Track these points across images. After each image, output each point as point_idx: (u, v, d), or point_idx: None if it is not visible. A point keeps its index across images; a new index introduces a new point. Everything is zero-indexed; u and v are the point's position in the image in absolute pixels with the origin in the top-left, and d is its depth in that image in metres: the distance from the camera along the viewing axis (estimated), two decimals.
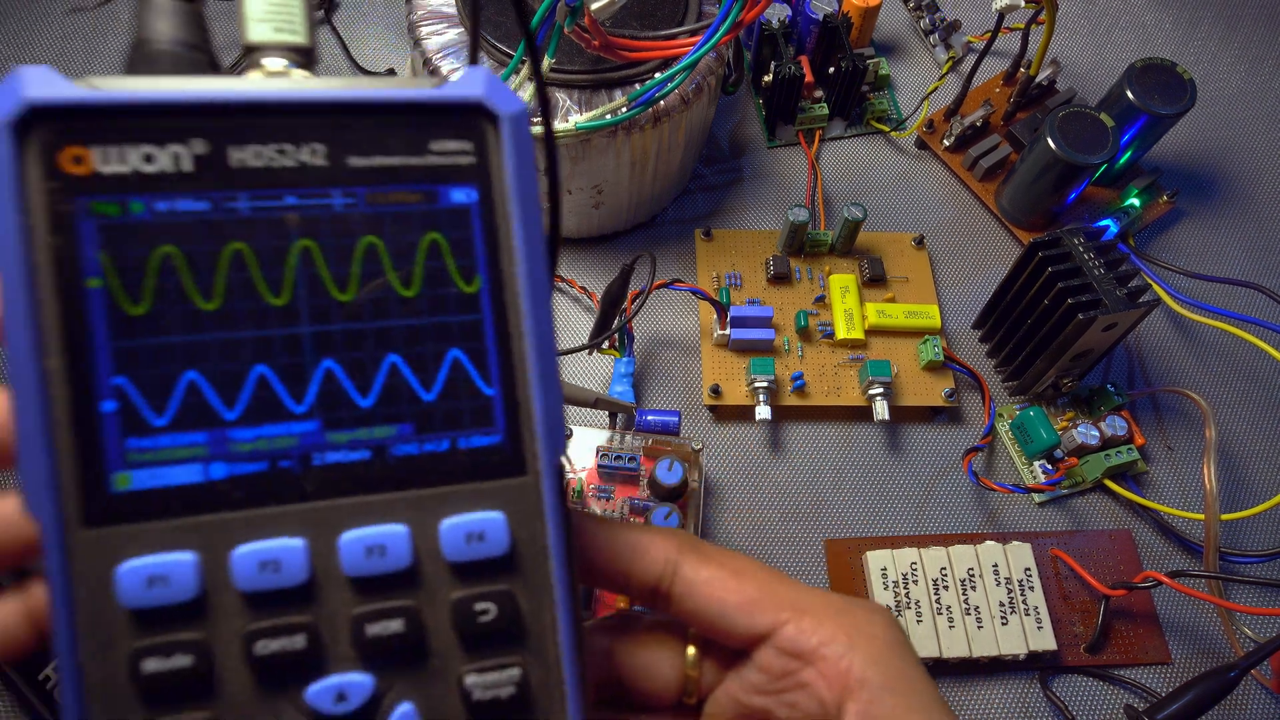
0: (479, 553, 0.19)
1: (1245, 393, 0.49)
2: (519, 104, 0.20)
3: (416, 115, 0.19)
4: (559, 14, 0.36)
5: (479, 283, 0.19)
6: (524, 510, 0.20)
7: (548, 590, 0.20)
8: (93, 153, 0.17)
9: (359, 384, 0.19)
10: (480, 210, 0.19)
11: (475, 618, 0.19)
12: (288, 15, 0.21)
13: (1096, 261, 0.41)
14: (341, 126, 0.19)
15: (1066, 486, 0.45)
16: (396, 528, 0.19)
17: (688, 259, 0.50)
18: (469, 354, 0.19)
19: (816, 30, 0.53)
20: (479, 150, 0.19)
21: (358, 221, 0.19)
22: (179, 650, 0.17)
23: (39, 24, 0.56)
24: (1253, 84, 0.60)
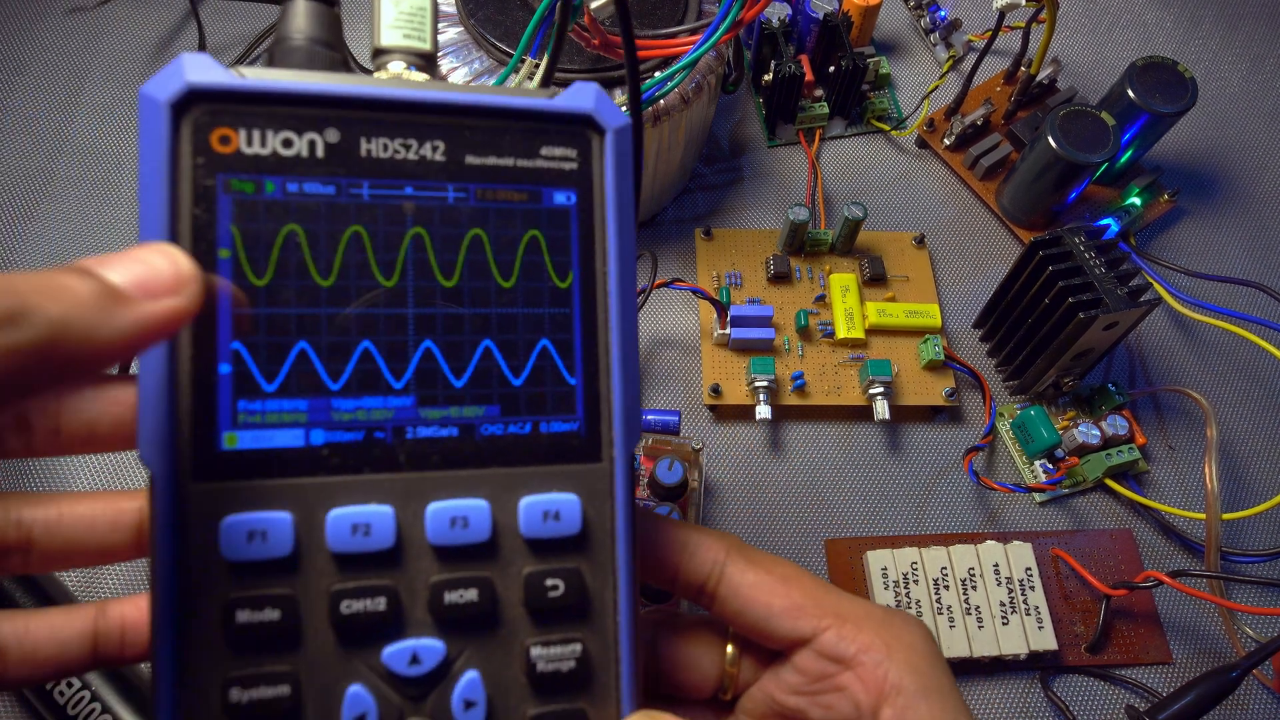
0: (553, 531, 0.20)
1: (1246, 392, 0.49)
2: (624, 119, 0.21)
3: (531, 122, 0.21)
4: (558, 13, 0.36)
5: (572, 279, 0.21)
6: (596, 494, 0.21)
7: (612, 571, 0.21)
8: (239, 134, 0.19)
9: (454, 365, 0.20)
10: (579, 213, 0.21)
11: (545, 592, 0.20)
12: (417, 23, 0.23)
13: (1097, 260, 0.41)
14: (462, 127, 0.20)
15: (1067, 486, 0.45)
16: (479, 502, 0.20)
17: (688, 258, 0.50)
18: (557, 345, 0.21)
19: (817, 29, 0.53)
20: (583, 158, 0.21)
21: (467, 214, 0.20)
22: (269, 604, 0.18)
23: (39, 24, 0.56)
24: (1254, 83, 0.60)
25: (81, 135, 0.51)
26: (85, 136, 0.51)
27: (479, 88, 0.21)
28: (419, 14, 0.23)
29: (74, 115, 0.52)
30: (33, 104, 0.53)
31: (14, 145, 0.51)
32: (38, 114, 0.52)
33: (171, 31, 0.56)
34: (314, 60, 0.22)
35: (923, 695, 0.22)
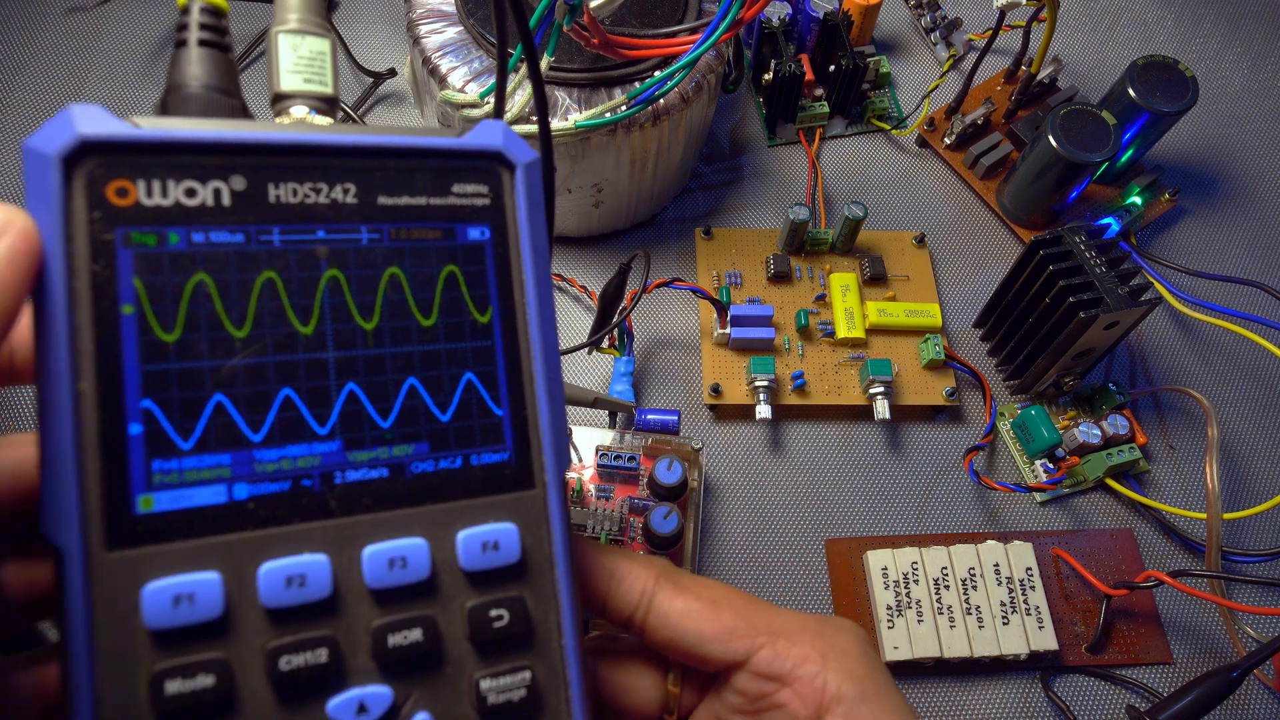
0: (493, 561, 0.20)
1: (1247, 391, 0.49)
2: (532, 154, 0.22)
3: (441, 160, 0.21)
4: (558, 12, 0.36)
5: (491, 312, 0.21)
6: (533, 521, 0.21)
7: (554, 595, 0.21)
8: (137, 186, 0.18)
9: (379, 406, 0.20)
10: (494, 247, 0.21)
11: (490, 623, 0.20)
12: (317, 67, 0.23)
13: (1098, 260, 0.41)
14: (373, 169, 0.20)
15: (1068, 486, 0.45)
16: (417, 540, 0.20)
17: (688, 258, 0.50)
18: (481, 378, 0.21)
19: (817, 28, 0.53)
20: (494, 193, 0.22)
21: (383, 254, 0.20)
22: (201, 670, 0.17)
23: (39, 24, 0.56)
24: (1255, 82, 0.60)
25: None
26: None
27: (386, 128, 0.21)
28: (318, 58, 0.23)
29: None
30: (33, 104, 0.53)
31: (14, 145, 0.51)
32: (38, 114, 0.52)
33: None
34: (211, 107, 0.21)
35: (862, 700, 0.22)
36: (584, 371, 0.47)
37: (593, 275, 0.49)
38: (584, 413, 0.45)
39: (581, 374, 0.47)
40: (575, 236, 0.50)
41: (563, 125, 0.40)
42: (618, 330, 0.44)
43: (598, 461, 0.40)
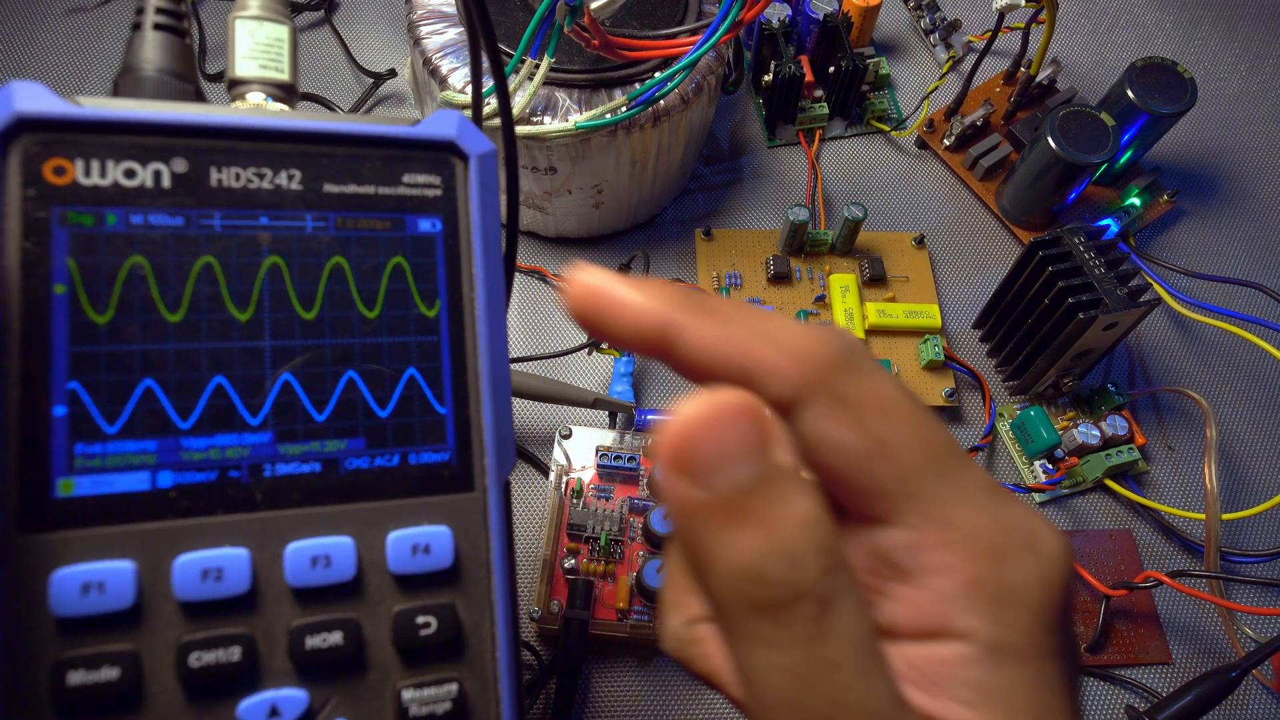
0: (423, 565, 0.19)
1: (1246, 392, 0.49)
2: (487, 145, 0.21)
3: (391, 149, 0.21)
4: (558, 13, 0.36)
5: (439, 306, 0.20)
6: (470, 525, 0.20)
7: (489, 604, 0.20)
8: (75, 165, 0.18)
9: (315, 399, 0.19)
10: (445, 239, 0.21)
11: (417, 630, 0.19)
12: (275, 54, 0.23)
13: (1097, 261, 0.41)
14: (319, 155, 0.20)
15: (1067, 486, 0.45)
16: (342, 539, 0.19)
17: (688, 259, 0.50)
18: (425, 374, 0.20)
19: (816, 30, 0.53)
20: (447, 185, 0.21)
21: (327, 243, 0.20)
22: (107, 662, 0.17)
23: (39, 24, 0.56)
24: (1253, 83, 0.60)
25: None
26: None
27: (337, 116, 0.21)
28: (276, 45, 0.23)
29: None
30: None
31: None
32: None
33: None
34: (162, 90, 0.21)
35: (1001, 654, 0.15)
36: (584, 372, 0.47)
37: None
38: (584, 413, 0.45)
39: (581, 374, 0.47)
40: (575, 237, 0.50)
41: (563, 126, 0.40)
42: None
43: (598, 461, 0.40)
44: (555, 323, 0.48)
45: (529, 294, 0.49)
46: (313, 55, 0.56)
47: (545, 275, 0.49)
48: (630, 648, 0.40)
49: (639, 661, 0.40)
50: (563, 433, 0.41)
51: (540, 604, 0.37)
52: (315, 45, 0.57)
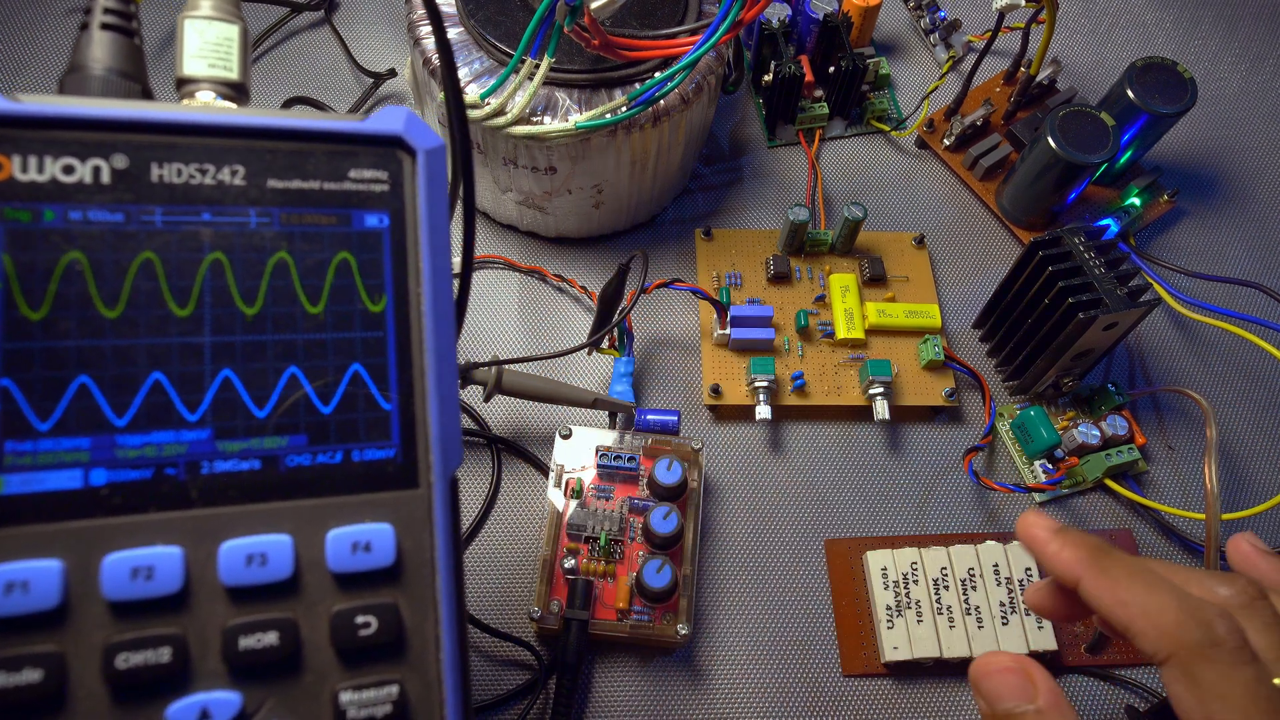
0: (364, 564, 0.19)
1: (1246, 392, 0.49)
2: (436, 140, 0.21)
3: (338, 144, 0.20)
4: (559, 13, 0.36)
5: (385, 302, 0.20)
6: (414, 522, 0.20)
7: (433, 603, 0.19)
8: (12, 160, 0.18)
9: (256, 395, 0.19)
10: (391, 235, 0.21)
11: (355, 631, 0.19)
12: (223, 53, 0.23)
13: (1097, 261, 0.41)
14: (264, 151, 0.20)
15: (1067, 486, 0.45)
16: (280, 537, 0.19)
17: (688, 259, 0.50)
18: (370, 370, 0.20)
19: (816, 30, 0.53)
20: (394, 180, 0.21)
21: (271, 239, 0.20)
22: (29, 663, 0.17)
23: (39, 24, 0.56)
24: (1253, 83, 0.60)
25: None
26: None
27: (282, 112, 0.20)
28: (225, 44, 0.23)
29: None
30: None
31: None
32: None
33: (172, 31, 0.56)
34: (109, 89, 0.21)
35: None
36: (584, 372, 0.47)
37: (593, 276, 0.49)
38: (584, 413, 0.45)
39: (581, 374, 0.47)
40: (575, 237, 0.50)
41: (563, 126, 0.40)
42: (617, 331, 0.44)
43: (598, 461, 0.40)
44: (555, 322, 0.48)
45: (529, 294, 0.49)
46: (312, 55, 0.56)
47: (545, 275, 0.49)
48: (630, 647, 0.40)
49: (639, 661, 0.40)
50: (563, 433, 0.41)
51: (540, 604, 0.37)
52: (315, 45, 0.57)
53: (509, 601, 0.41)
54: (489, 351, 0.46)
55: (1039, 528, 0.27)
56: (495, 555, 0.42)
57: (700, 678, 0.40)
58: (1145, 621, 0.23)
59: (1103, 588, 0.25)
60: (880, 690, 0.40)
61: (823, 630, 0.41)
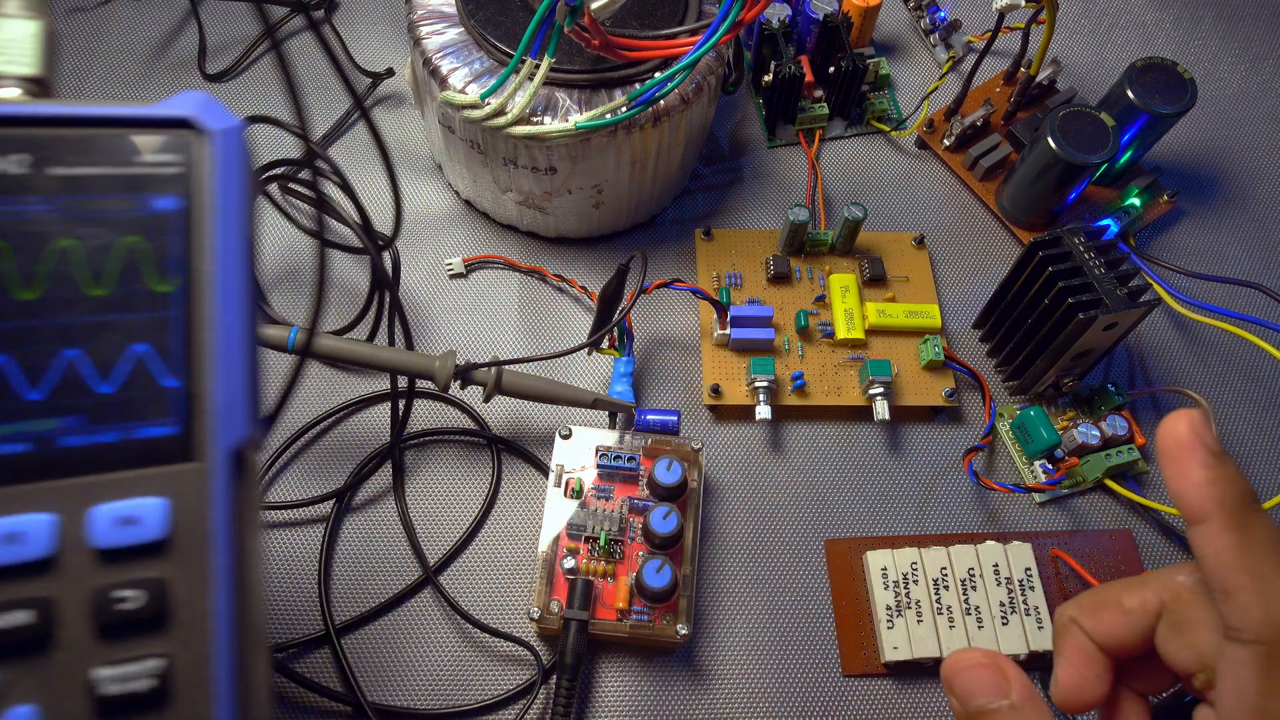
0: (131, 538, 0.19)
1: (1246, 392, 0.49)
2: (232, 121, 0.21)
3: (127, 129, 0.20)
4: (559, 13, 0.36)
5: (177, 283, 0.20)
6: (192, 496, 0.20)
7: (208, 577, 0.19)
8: None
9: (31, 378, 0.19)
10: (183, 216, 0.21)
11: (114, 604, 0.18)
12: (22, 49, 0.24)
13: (1097, 261, 0.41)
14: (50, 139, 0.20)
15: (1067, 486, 0.45)
16: (40, 515, 0.19)
17: (688, 259, 0.50)
18: (156, 348, 0.20)
19: (816, 30, 0.53)
20: (187, 162, 0.21)
21: (57, 225, 0.20)
22: None
23: None
24: (1254, 83, 0.60)
25: None
26: None
27: (72, 102, 0.20)
28: (24, 40, 0.23)
29: None
30: None
31: None
32: None
33: (172, 31, 0.56)
34: None
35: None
36: (584, 372, 0.47)
37: (593, 276, 0.49)
38: (584, 413, 0.45)
39: (582, 374, 0.47)
40: (575, 237, 0.50)
41: (563, 126, 0.40)
42: (618, 331, 0.44)
43: (598, 461, 0.40)
44: (555, 323, 0.48)
45: (529, 294, 0.49)
46: (312, 55, 0.56)
47: (545, 275, 0.49)
48: (631, 647, 0.40)
49: (640, 661, 0.40)
50: (562, 433, 0.41)
51: (539, 604, 0.37)
52: (314, 46, 0.57)
53: (509, 601, 0.41)
54: (489, 352, 0.46)
55: (1198, 438, 0.23)
56: (495, 555, 0.42)
57: (700, 678, 0.40)
58: (1260, 599, 0.21)
59: (1232, 544, 0.22)
60: (880, 690, 0.40)
61: (823, 630, 0.41)
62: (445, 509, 0.43)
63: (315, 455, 0.44)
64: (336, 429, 0.45)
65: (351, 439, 0.44)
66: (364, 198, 0.51)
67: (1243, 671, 0.21)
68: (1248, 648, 0.21)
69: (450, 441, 0.45)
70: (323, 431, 0.44)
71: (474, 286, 0.49)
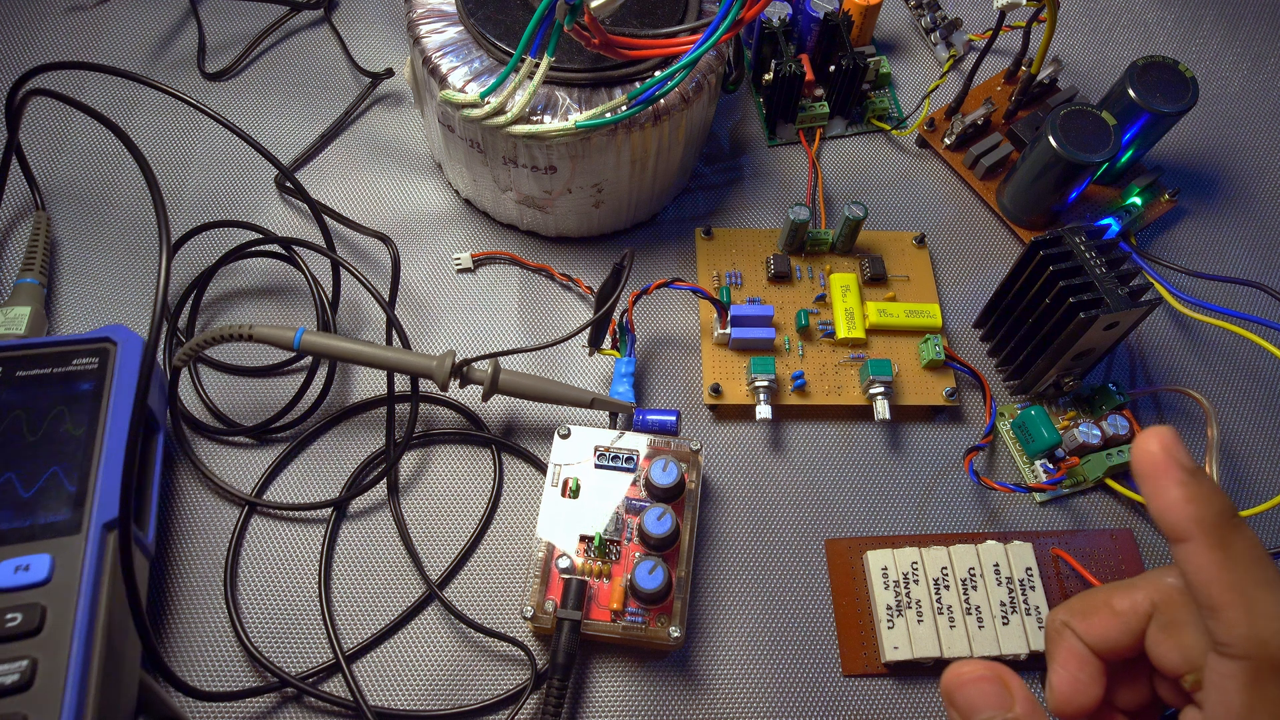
0: (23, 579, 0.30)
1: (1247, 391, 0.49)
2: (134, 337, 0.36)
3: (67, 346, 0.36)
4: (559, 12, 0.36)
5: (82, 430, 0.33)
6: (71, 553, 0.31)
7: (75, 600, 0.30)
8: None
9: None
10: (92, 392, 0.34)
11: (4, 623, 0.29)
12: (17, 324, 0.40)
13: (1098, 260, 0.41)
14: (16, 357, 0.35)
15: (1068, 486, 0.45)
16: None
17: (688, 258, 0.50)
18: (62, 468, 0.33)
19: (817, 28, 0.53)
20: (101, 361, 0.35)
21: (11, 403, 0.34)
22: None
23: (39, 24, 0.56)
24: (1255, 82, 0.60)
25: (81, 135, 0.51)
26: (85, 137, 0.51)
27: (28, 339, 0.38)
28: (19, 318, 0.40)
29: (74, 115, 0.52)
30: (32, 104, 0.53)
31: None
32: (38, 114, 0.52)
33: (171, 31, 0.56)
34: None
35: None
36: (585, 372, 0.47)
37: (593, 275, 0.49)
38: (584, 412, 0.45)
39: (583, 375, 0.47)
40: (575, 237, 0.50)
41: (563, 125, 0.40)
42: (619, 331, 0.44)
43: (595, 462, 0.40)
44: (556, 321, 0.48)
45: (530, 294, 0.49)
46: (311, 54, 0.56)
47: (552, 274, 0.49)
48: (629, 649, 0.40)
49: (640, 662, 0.40)
50: (561, 432, 0.41)
51: (534, 603, 0.37)
52: (314, 45, 0.57)
53: (509, 601, 0.41)
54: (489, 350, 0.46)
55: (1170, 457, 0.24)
56: (495, 554, 0.42)
57: (701, 677, 0.40)
58: (1244, 615, 0.22)
59: (1214, 562, 0.22)
60: (880, 690, 0.40)
61: (823, 630, 0.41)
62: (446, 509, 0.43)
63: (314, 455, 0.44)
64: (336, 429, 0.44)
65: (351, 440, 0.44)
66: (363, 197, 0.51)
67: (1229, 686, 0.22)
68: (1234, 663, 0.22)
69: (450, 441, 0.45)
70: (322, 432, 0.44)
71: (474, 287, 0.49)
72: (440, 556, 0.42)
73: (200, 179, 0.51)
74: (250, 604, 0.40)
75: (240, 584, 0.40)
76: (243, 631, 0.39)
